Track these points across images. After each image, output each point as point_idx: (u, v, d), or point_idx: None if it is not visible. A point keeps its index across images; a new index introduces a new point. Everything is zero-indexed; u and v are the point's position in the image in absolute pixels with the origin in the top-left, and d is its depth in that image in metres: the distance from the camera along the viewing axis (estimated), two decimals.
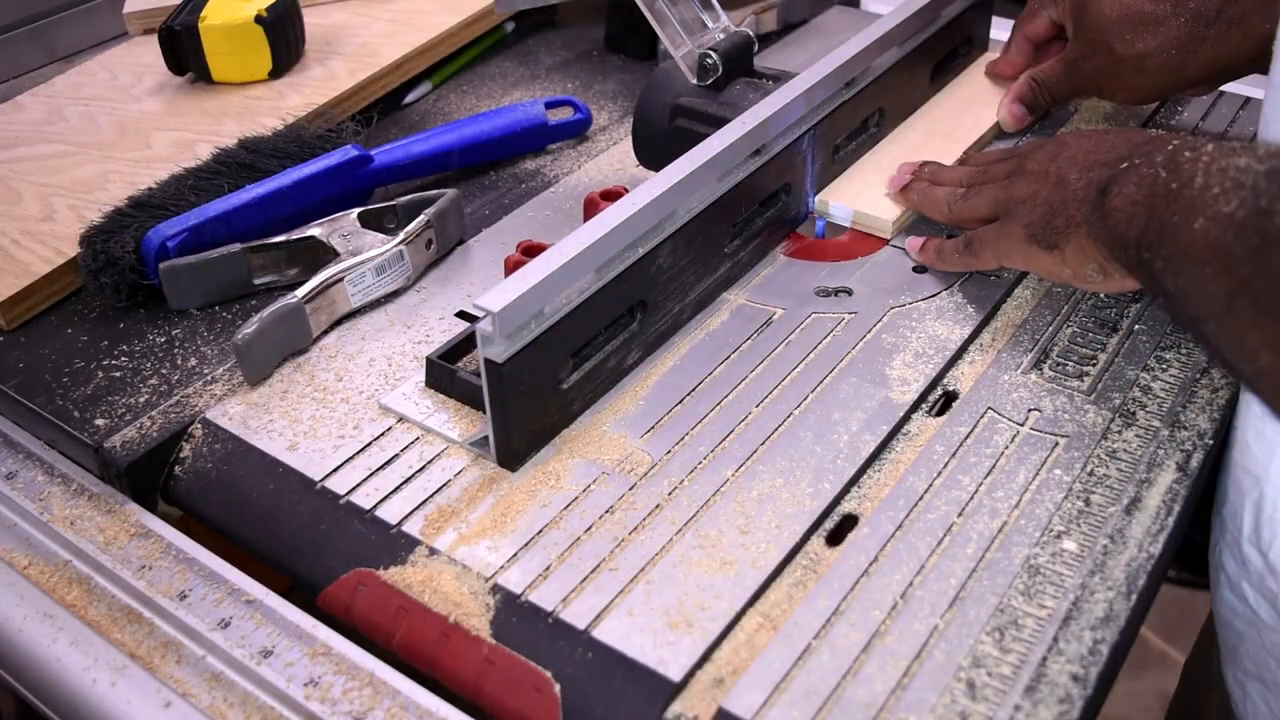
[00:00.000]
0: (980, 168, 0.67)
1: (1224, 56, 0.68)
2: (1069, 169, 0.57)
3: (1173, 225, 0.45)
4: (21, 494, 0.57)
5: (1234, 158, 0.43)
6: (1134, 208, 0.49)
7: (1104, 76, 0.73)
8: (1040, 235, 0.57)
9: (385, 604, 0.49)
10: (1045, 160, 0.59)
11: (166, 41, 0.85)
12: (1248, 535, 0.57)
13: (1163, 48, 0.69)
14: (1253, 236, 0.40)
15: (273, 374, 0.61)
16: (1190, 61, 0.69)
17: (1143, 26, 0.70)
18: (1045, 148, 0.60)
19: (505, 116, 0.80)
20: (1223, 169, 0.43)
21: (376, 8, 0.96)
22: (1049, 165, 0.58)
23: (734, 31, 0.70)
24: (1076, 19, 0.74)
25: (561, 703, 0.45)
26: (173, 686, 0.48)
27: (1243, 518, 0.57)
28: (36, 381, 0.62)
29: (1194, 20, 0.69)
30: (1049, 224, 0.57)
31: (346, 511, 0.53)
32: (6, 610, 0.52)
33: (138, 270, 0.65)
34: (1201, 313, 0.43)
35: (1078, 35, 0.74)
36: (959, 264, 0.64)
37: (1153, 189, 0.47)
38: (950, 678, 0.45)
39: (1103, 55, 0.72)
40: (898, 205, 0.70)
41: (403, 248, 0.66)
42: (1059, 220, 0.56)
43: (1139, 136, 0.55)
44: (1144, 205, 0.48)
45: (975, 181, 0.65)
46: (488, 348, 0.51)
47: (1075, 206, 0.55)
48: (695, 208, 0.60)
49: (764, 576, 0.48)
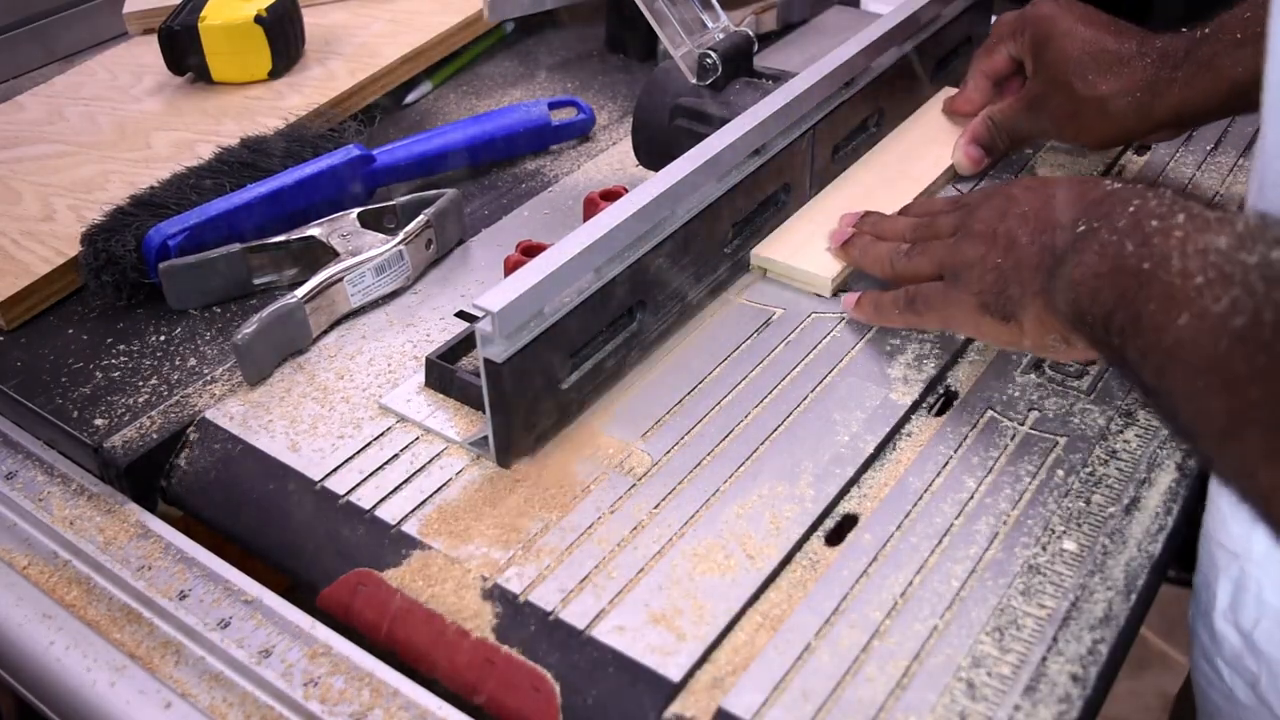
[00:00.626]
0: (925, 219, 0.61)
1: (1193, 100, 0.64)
2: (1019, 230, 0.52)
3: (1150, 315, 0.40)
4: (21, 494, 0.57)
5: (1212, 235, 0.39)
6: (1098, 282, 0.44)
7: (1064, 118, 0.69)
8: (993, 305, 0.52)
9: (385, 604, 0.49)
10: (993, 218, 0.54)
11: (166, 41, 0.85)
12: (1222, 610, 0.54)
13: (1127, 89, 0.65)
14: (1259, 356, 0.35)
15: (272, 374, 0.61)
16: (1157, 105, 0.65)
17: (1106, 67, 0.66)
18: (992, 201, 0.55)
19: (509, 116, 0.80)
20: (1202, 251, 0.38)
21: (376, 8, 0.96)
22: (997, 224, 0.53)
23: (734, 31, 0.70)
24: (1036, 56, 0.70)
25: (561, 703, 0.45)
26: (172, 686, 0.48)
27: (1216, 590, 0.54)
28: (36, 381, 0.62)
29: (1161, 61, 0.65)
30: (1002, 293, 0.52)
31: (346, 511, 0.53)
32: (6, 610, 0.52)
33: (139, 269, 0.65)
34: (1195, 427, 0.39)
35: (1037, 73, 0.70)
36: (899, 321, 0.60)
37: (1118, 262, 0.43)
38: (950, 678, 0.45)
39: (1063, 95, 0.68)
40: (838, 261, 0.65)
41: (402, 248, 0.66)
42: (1013, 289, 0.51)
43: (1095, 191, 0.49)
44: (1110, 281, 0.43)
45: (919, 236, 0.60)
46: (487, 348, 0.51)
47: (1030, 274, 0.50)
48: (695, 208, 0.60)
49: (763, 576, 0.48)
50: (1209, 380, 0.37)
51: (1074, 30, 0.67)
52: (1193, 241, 0.39)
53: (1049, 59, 0.68)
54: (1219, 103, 0.63)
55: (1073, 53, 0.67)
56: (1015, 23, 0.72)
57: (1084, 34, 0.67)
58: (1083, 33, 0.67)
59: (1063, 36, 0.68)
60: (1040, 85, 0.69)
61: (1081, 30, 0.67)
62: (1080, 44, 0.67)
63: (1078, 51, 0.67)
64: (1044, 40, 0.69)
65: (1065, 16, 0.69)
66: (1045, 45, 0.69)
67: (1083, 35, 0.67)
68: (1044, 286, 0.49)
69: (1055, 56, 0.68)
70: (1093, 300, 0.44)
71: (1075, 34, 0.67)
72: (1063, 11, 0.69)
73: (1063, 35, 0.68)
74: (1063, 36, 0.68)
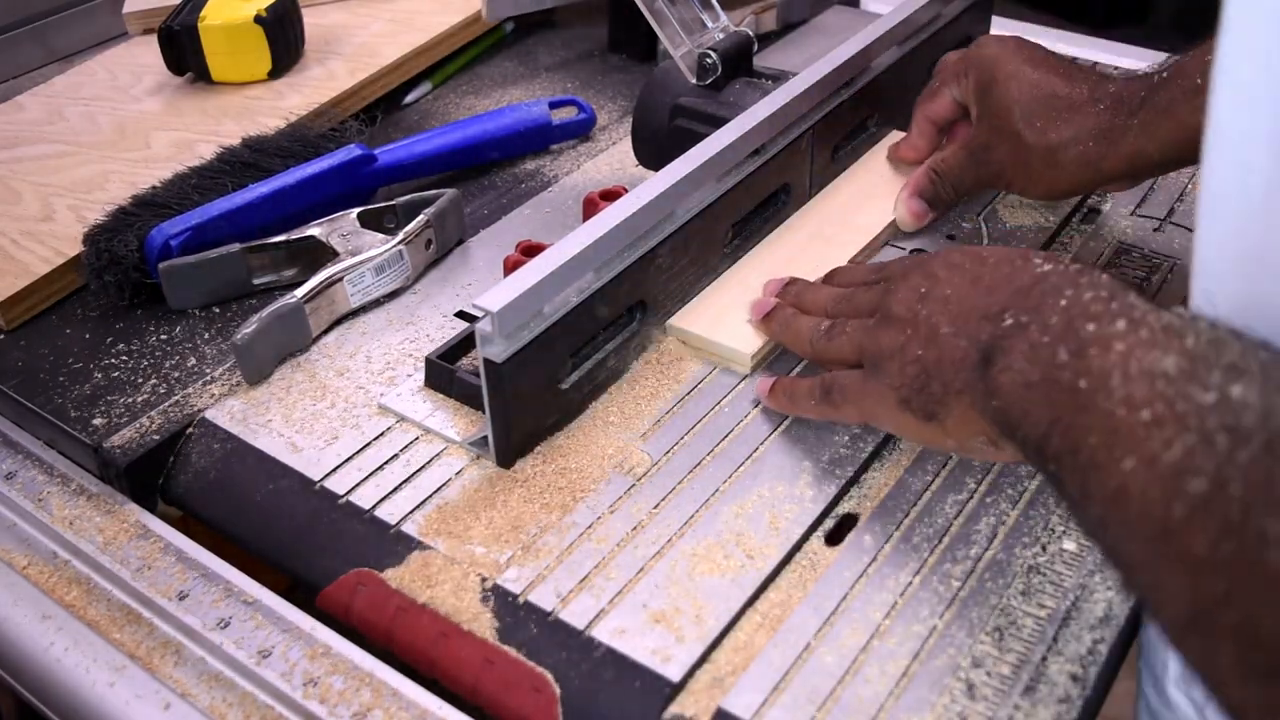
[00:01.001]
0: (846, 292, 0.56)
1: (1149, 149, 0.59)
2: (940, 317, 0.47)
3: (1090, 451, 0.36)
4: (21, 494, 0.57)
5: (1158, 354, 0.34)
6: (1029, 395, 0.40)
7: (1011, 168, 0.64)
8: (914, 401, 0.48)
9: (384, 604, 0.49)
10: (911, 300, 0.49)
11: (166, 41, 0.85)
12: (1174, 679, 0.48)
13: (1078, 138, 0.60)
14: (1225, 541, 0.30)
15: (272, 374, 0.61)
16: (1110, 154, 0.60)
17: (1055, 113, 0.61)
18: (910, 279, 0.50)
19: (509, 116, 0.80)
20: (1147, 374, 0.34)
21: (376, 8, 0.96)
22: (917, 308, 0.48)
23: (733, 31, 0.70)
24: (981, 100, 0.64)
25: (560, 703, 0.45)
26: (172, 686, 0.48)
27: (1168, 656, 0.48)
28: (36, 381, 0.62)
29: (1115, 107, 0.60)
30: (923, 389, 0.47)
31: (346, 511, 0.53)
32: (6, 610, 0.52)
33: (141, 269, 0.65)
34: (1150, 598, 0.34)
35: (982, 119, 0.65)
36: (815, 413, 0.54)
37: (1050, 373, 0.39)
38: (950, 678, 0.45)
39: (1009, 144, 0.63)
40: (760, 335, 0.59)
41: (402, 248, 0.66)
42: (935, 386, 0.47)
43: (1023, 275, 0.44)
44: (1042, 397, 0.39)
45: (840, 312, 0.55)
46: (487, 347, 0.51)
47: (953, 371, 0.46)
48: (695, 208, 0.60)
49: (763, 576, 0.48)
50: (1162, 551, 0.32)
51: (1020, 73, 0.62)
52: (1136, 359, 0.35)
53: (994, 105, 0.63)
54: (1177, 152, 0.58)
55: (1019, 98, 0.62)
56: (958, 64, 0.67)
57: (1031, 77, 0.62)
58: (1030, 75, 0.62)
59: (1008, 80, 0.62)
60: (985, 133, 0.64)
61: (1029, 73, 0.62)
62: (1027, 88, 0.62)
63: (1024, 96, 0.62)
64: (988, 84, 0.64)
65: (1011, 58, 0.63)
66: (990, 89, 0.63)
67: (1030, 78, 0.62)
68: (968, 385, 0.45)
69: (1000, 102, 0.63)
70: (1023, 416, 0.40)
71: (1022, 77, 0.62)
72: (1009, 52, 0.64)
73: (1008, 78, 0.62)
74: (1008, 80, 0.62)
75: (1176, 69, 0.58)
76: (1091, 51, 0.89)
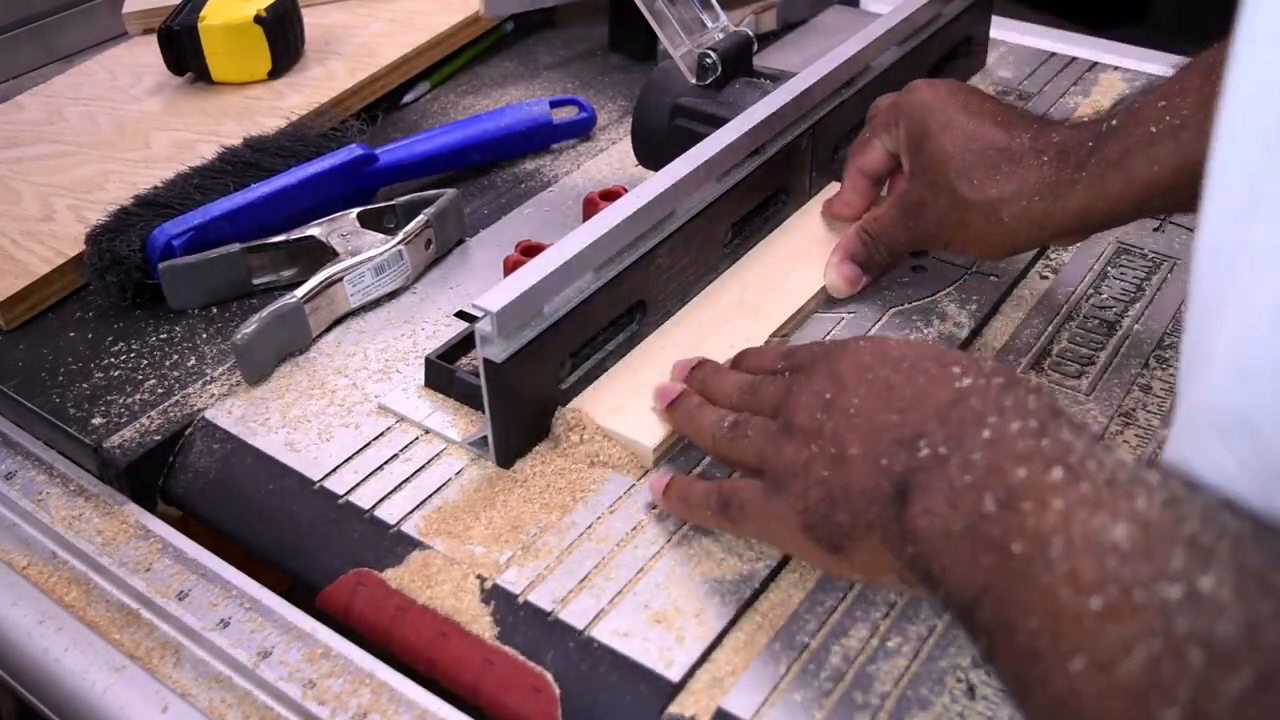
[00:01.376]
0: (753, 381, 0.50)
1: (1099, 204, 0.53)
2: (848, 434, 0.41)
3: (1029, 636, 0.31)
4: (20, 494, 0.57)
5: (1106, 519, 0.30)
6: (951, 546, 0.35)
7: (949, 227, 0.57)
8: (818, 529, 0.42)
9: (384, 604, 0.49)
10: (814, 408, 0.43)
11: (166, 41, 0.85)
12: None
13: (1020, 193, 0.54)
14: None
15: (272, 374, 0.61)
16: (1057, 211, 0.54)
17: (994, 166, 0.55)
18: (814, 381, 0.44)
19: (510, 115, 0.80)
20: (1095, 547, 0.29)
21: (376, 8, 0.96)
22: (821, 420, 0.43)
23: (733, 31, 0.70)
24: (913, 153, 0.59)
25: (560, 703, 0.45)
26: (172, 687, 0.48)
27: None
28: (35, 381, 0.62)
29: (1060, 159, 0.54)
30: (828, 518, 0.41)
31: (346, 511, 0.53)
32: (5, 610, 0.52)
33: (143, 269, 0.65)
34: None
35: (916, 174, 0.59)
36: (712, 524, 0.49)
37: (977, 526, 0.34)
38: (950, 678, 0.45)
39: (946, 200, 0.56)
40: (665, 425, 0.54)
41: (402, 248, 0.66)
42: (841, 515, 0.41)
43: (940, 391, 0.39)
44: (968, 553, 0.34)
45: (744, 405, 0.49)
46: (487, 348, 0.51)
47: (863, 502, 0.40)
48: (695, 208, 0.60)
49: (763, 576, 0.48)
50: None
51: (955, 122, 0.56)
52: (1079, 522, 0.30)
53: (927, 158, 0.57)
54: (1131, 207, 0.53)
55: (954, 150, 0.56)
56: (889, 112, 0.61)
57: (967, 127, 0.56)
58: (965, 125, 0.56)
59: (942, 130, 0.56)
60: (919, 189, 0.58)
61: (963, 122, 0.56)
62: (963, 139, 0.56)
63: (960, 149, 0.56)
64: (921, 135, 0.58)
65: (945, 105, 0.58)
66: (922, 141, 0.58)
67: (965, 128, 0.56)
68: (879, 521, 0.40)
69: (934, 155, 0.57)
70: (946, 572, 0.35)
71: (956, 127, 0.56)
72: (941, 99, 0.58)
73: (942, 129, 0.57)
74: (942, 130, 0.56)
75: (1126, 116, 0.53)
76: (1092, 51, 0.89)
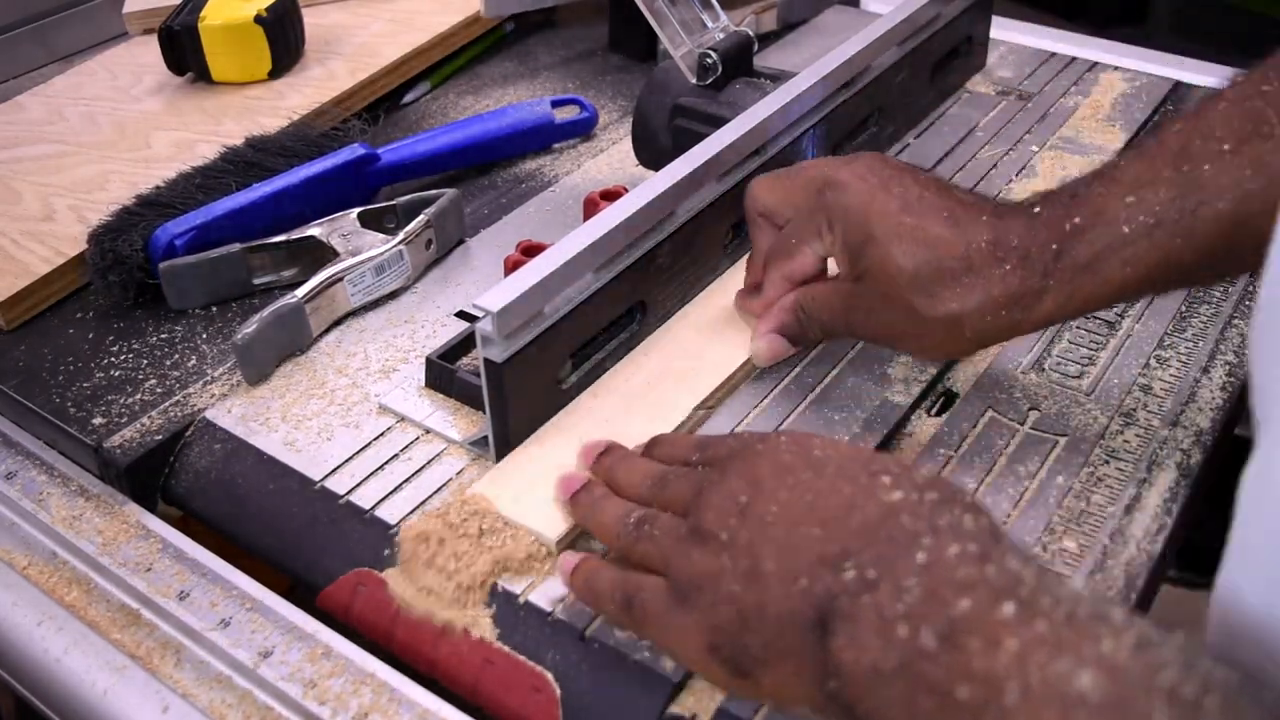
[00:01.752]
0: (663, 472, 0.47)
1: (1070, 308, 0.49)
2: (764, 547, 0.38)
3: None
4: (21, 494, 0.57)
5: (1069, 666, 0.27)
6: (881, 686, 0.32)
7: (901, 336, 0.52)
8: (725, 650, 0.39)
9: (384, 604, 0.49)
10: (727, 513, 0.40)
11: (166, 41, 0.85)
12: None
13: (984, 308, 0.49)
14: None
15: (272, 374, 0.61)
16: (1026, 320, 0.49)
17: (953, 279, 0.49)
18: (728, 481, 0.41)
19: (511, 115, 0.80)
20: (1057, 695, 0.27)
21: (376, 8, 0.96)
22: (734, 526, 0.39)
23: (734, 31, 0.70)
24: (854, 262, 0.52)
25: (561, 703, 0.45)
26: (172, 687, 0.48)
27: None
28: (36, 381, 0.62)
29: (1023, 266, 0.49)
30: (736, 640, 0.38)
31: (346, 511, 0.53)
32: (5, 610, 0.52)
33: (145, 269, 0.65)
34: None
35: (861, 280, 0.52)
36: (613, 620, 0.46)
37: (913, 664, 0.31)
38: None
39: (900, 313, 0.51)
40: (567, 517, 0.50)
41: (402, 247, 0.66)
42: (752, 639, 0.38)
43: (867, 505, 0.36)
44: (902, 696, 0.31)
45: (652, 498, 0.46)
46: (487, 348, 0.51)
47: (777, 626, 0.37)
48: (695, 208, 0.60)
49: None
50: None
51: (901, 228, 0.50)
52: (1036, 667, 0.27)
53: (874, 269, 0.51)
54: (1102, 302, 0.49)
55: (906, 263, 0.50)
56: (817, 214, 0.54)
57: (916, 234, 0.50)
58: (912, 230, 0.50)
59: (889, 240, 0.50)
60: (868, 297, 0.52)
61: (909, 226, 0.50)
62: (912, 248, 0.50)
63: (913, 261, 0.50)
64: (861, 243, 0.51)
65: (883, 204, 0.51)
66: (864, 250, 0.51)
67: (914, 235, 0.50)
68: (796, 650, 0.36)
69: (884, 267, 0.50)
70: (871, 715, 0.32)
71: (904, 234, 0.50)
72: (875, 194, 0.51)
73: (888, 238, 0.50)
74: (889, 240, 0.50)
75: (1092, 213, 0.48)
76: (1092, 51, 0.89)
